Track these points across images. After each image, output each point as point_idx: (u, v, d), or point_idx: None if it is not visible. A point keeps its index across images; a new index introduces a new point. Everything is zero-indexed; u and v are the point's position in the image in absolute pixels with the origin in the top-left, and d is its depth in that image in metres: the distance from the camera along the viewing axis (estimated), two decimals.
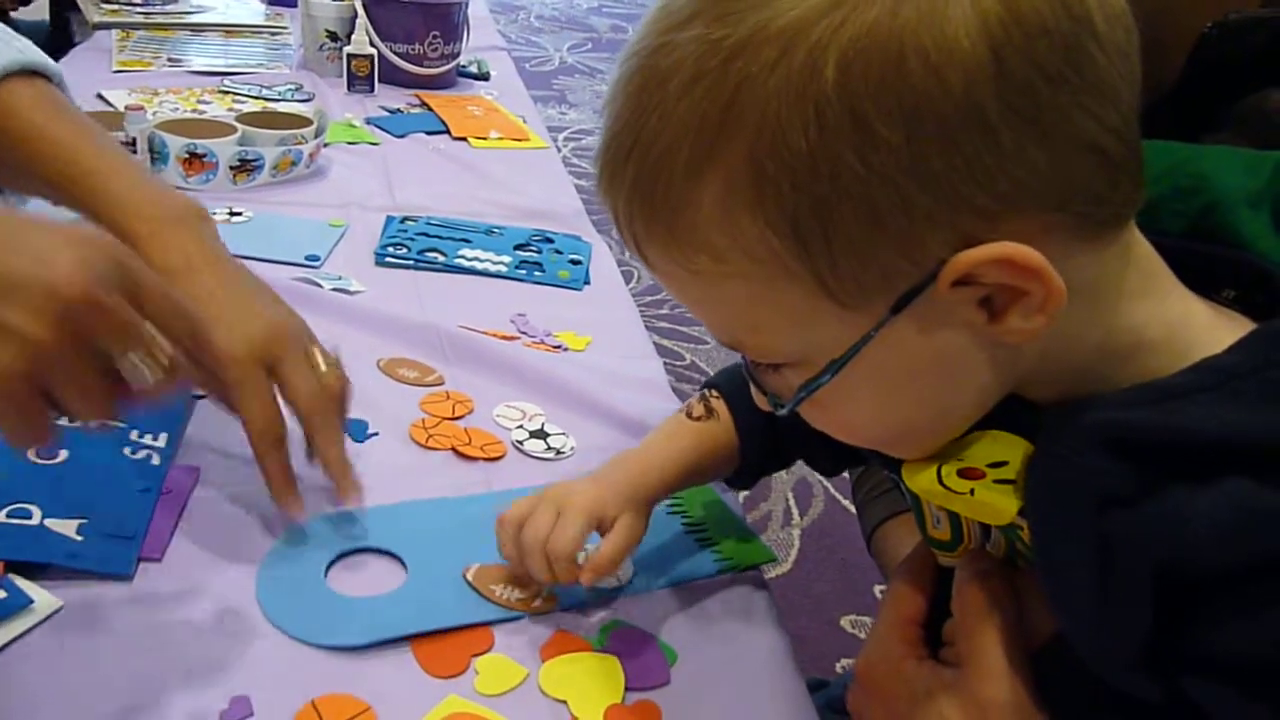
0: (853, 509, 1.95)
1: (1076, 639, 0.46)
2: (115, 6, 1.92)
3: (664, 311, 2.49)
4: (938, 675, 0.52)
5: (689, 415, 0.72)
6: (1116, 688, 0.45)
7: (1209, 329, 0.44)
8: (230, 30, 1.92)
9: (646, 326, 1.05)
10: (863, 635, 1.55)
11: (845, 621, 1.69)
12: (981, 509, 0.47)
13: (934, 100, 0.37)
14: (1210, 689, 0.41)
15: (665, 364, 0.98)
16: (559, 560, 0.63)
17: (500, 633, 0.63)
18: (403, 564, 0.67)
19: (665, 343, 2.34)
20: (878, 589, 1.72)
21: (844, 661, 1.60)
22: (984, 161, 0.38)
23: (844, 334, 0.43)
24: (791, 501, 1.93)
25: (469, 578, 0.66)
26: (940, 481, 0.47)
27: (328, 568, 0.66)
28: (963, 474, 0.47)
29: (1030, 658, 0.49)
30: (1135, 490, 0.40)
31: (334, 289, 1.00)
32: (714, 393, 0.72)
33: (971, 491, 0.46)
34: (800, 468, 1.97)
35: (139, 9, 1.93)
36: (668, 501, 0.76)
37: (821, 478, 1.99)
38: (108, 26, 1.83)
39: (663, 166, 0.41)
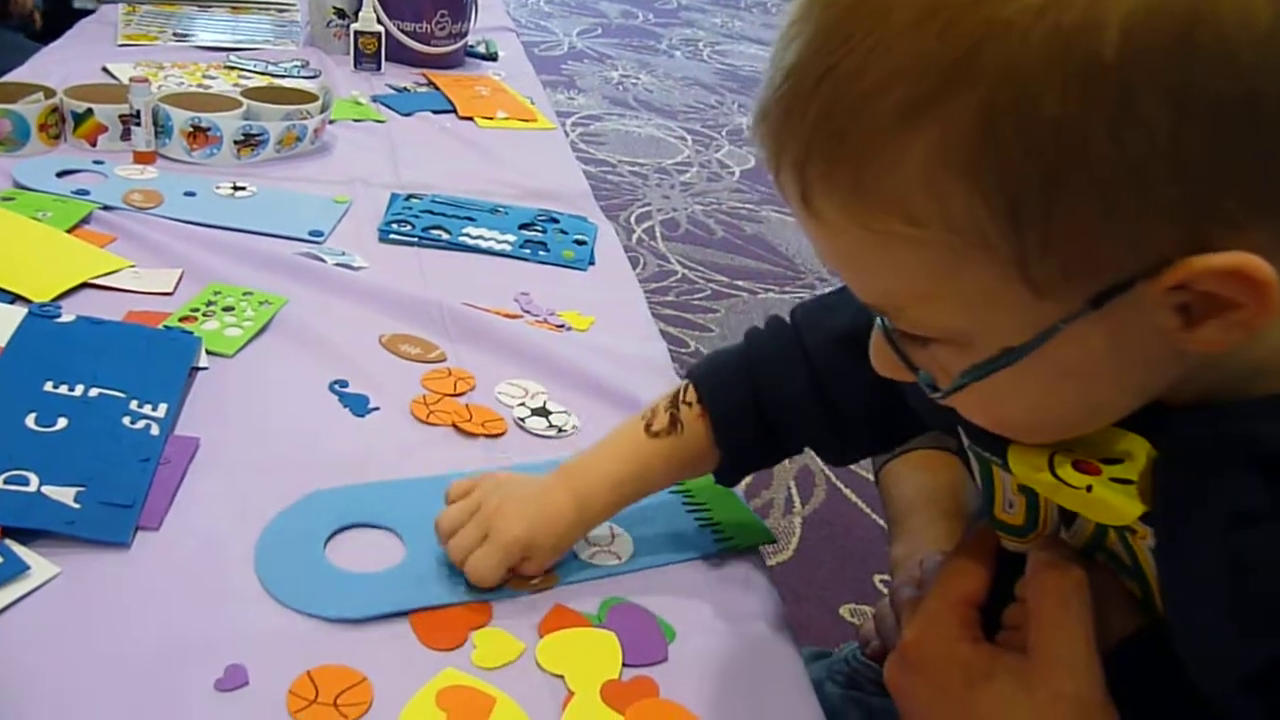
0: (854, 498, 1.96)
1: (1191, 651, 0.43)
2: None
3: (669, 299, 2.48)
4: (999, 659, 0.49)
5: (647, 428, 0.66)
6: (1218, 706, 0.43)
7: None
8: (237, 6, 1.91)
9: (652, 313, 1.05)
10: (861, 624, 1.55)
11: (845, 610, 1.68)
12: (1098, 507, 0.44)
13: (1215, 81, 0.32)
14: None
15: (670, 351, 0.98)
16: (474, 579, 0.63)
17: (499, 607, 0.63)
18: (402, 540, 0.67)
19: (670, 330, 2.33)
20: (878, 579, 1.71)
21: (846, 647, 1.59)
22: (1247, 160, 0.34)
23: (1026, 321, 0.39)
24: (793, 489, 1.92)
25: None
26: (1053, 472, 0.45)
27: (326, 541, 0.66)
28: (1077, 466, 0.44)
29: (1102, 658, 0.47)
30: (1271, 509, 0.38)
31: (337, 264, 0.99)
32: (687, 396, 0.67)
33: (1089, 488, 0.43)
34: (802, 455, 1.97)
35: None
36: None
37: (825, 466, 1.99)
38: (118, 1, 1.83)
39: (869, 104, 0.35)
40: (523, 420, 0.80)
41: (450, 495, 0.66)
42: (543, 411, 0.82)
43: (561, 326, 0.97)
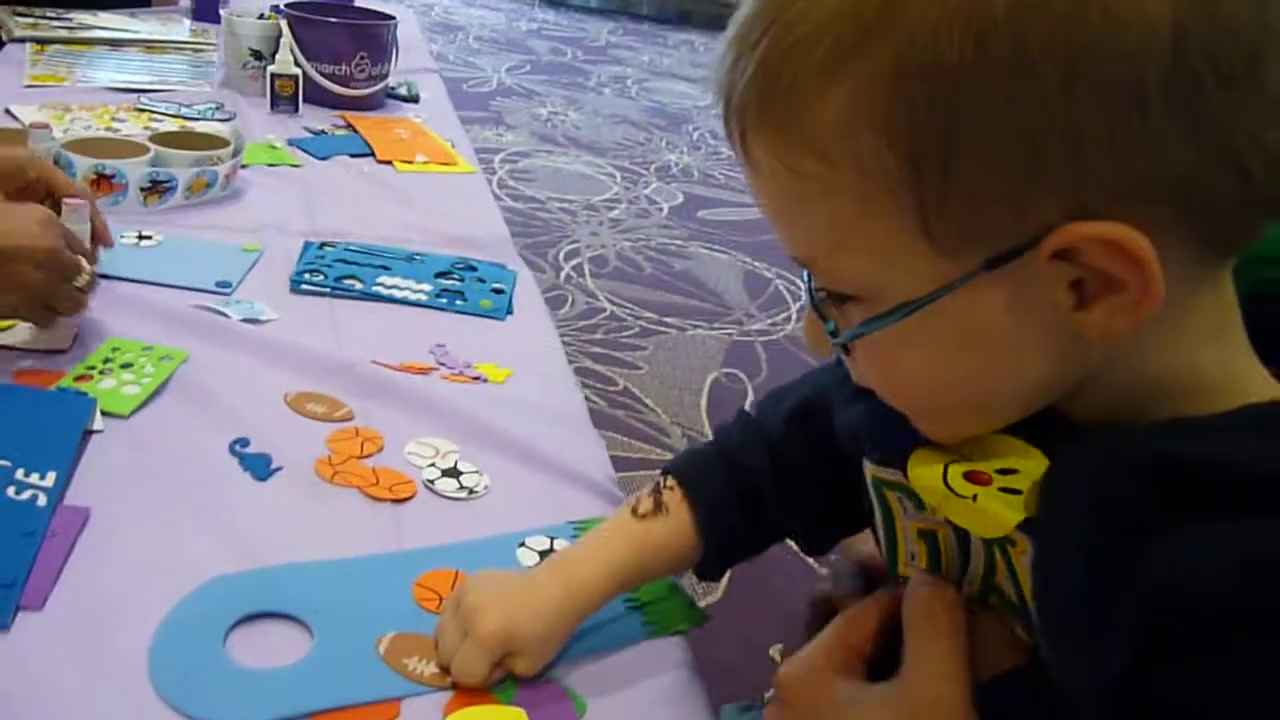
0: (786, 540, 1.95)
1: (1057, 664, 0.44)
2: (34, 20, 1.87)
3: (598, 336, 2.47)
4: (871, 688, 0.50)
5: (634, 511, 0.66)
6: None
7: (1264, 387, 0.44)
8: (152, 46, 1.88)
9: (580, 352, 1.04)
10: None
11: (774, 651, 1.68)
12: (981, 516, 0.45)
13: (1102, 54, 0.35)
14: None
15: (598, 389, 0.97)
16: (459, 681, 0.60)
17: (407, 701, 0.60)
18: (309, 630, 0.63)
19: (599, 368, 2.32)
20: None
21: (770, 694, 1.58)
22: (1128, 135, 0.36)
23: (927, 279, 0.41)
24: None
25: (381, 650, 0.62)
26: (945, 481, 0.46)
27: (227, 634, 0.62)
28: (969, 477, 0.46)
29: (975, 688, 0.48)
30: (1158, 522, 0.39)
31: (243, 319, 0.97)
32: (668, 482, 0.67)
33: (975, 497, 0.45)
34: None
35: (59, 23, 1.87)
36: None
37: None
38: (27, 41, 1.78)
39: (798, 52, 0.39)
40: (432, 482, 0.78)
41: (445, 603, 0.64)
42: (453, 472, 0.80)
43: (477, 379, 0.95)
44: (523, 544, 0.73)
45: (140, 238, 1.10)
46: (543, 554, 0.72)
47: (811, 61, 0.39)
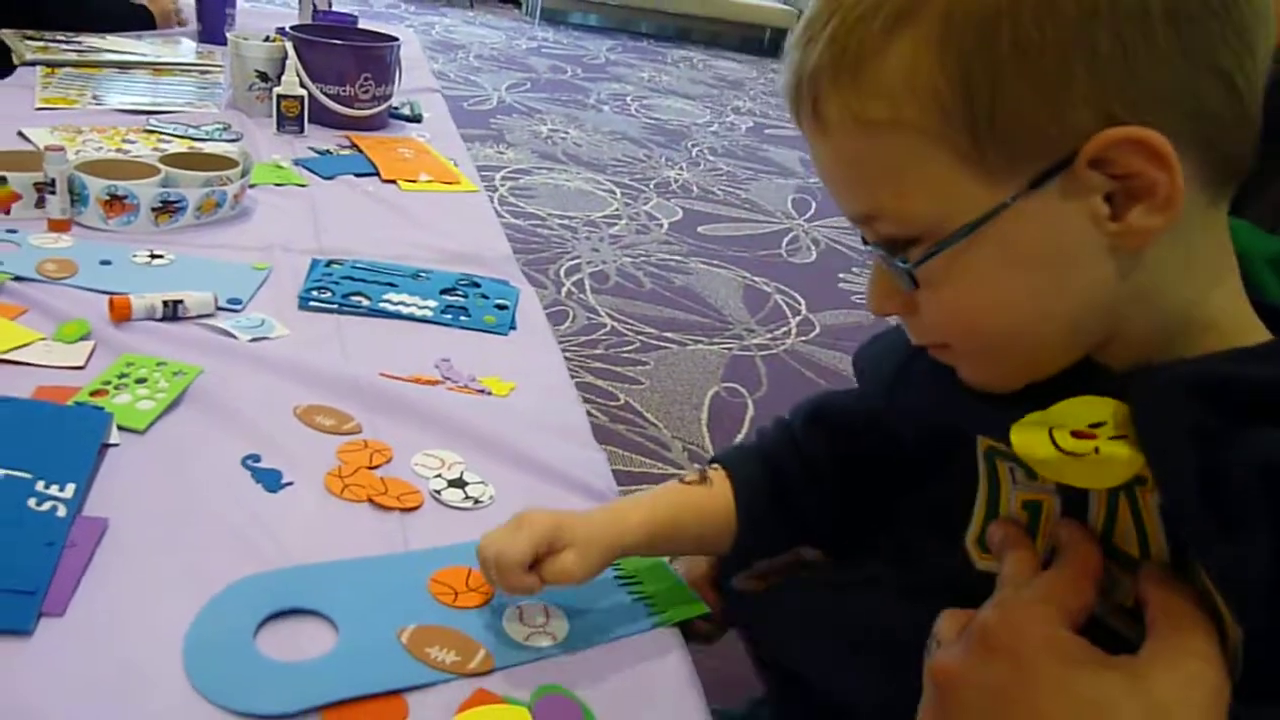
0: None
1: (1223, 576, 0.45)
2: (44, 44, 1.90)
3: (598, 352, 2.49)
4: (1111, 659, 0.46)
5: (680, 480, 0.74)
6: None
7: (1261, 331, 0.50)
8: (159, 68, 1.91)
9: (581, 367, 1.07)
10: None
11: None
12: (1106, 466, 0.48)
13: None
14: None
15: (599, 404, 0.99)
16: (502, 569, 0.65)
17: (415, 699, 0.62)
18: (334, 625, 0.66)
19: (600, 383, 2.34)
20: None
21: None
22: (1140, 57, 0.43)
23: (983, 203, 0.47)
24: None
25: (403, 640, 0.65)
26: (1056, 445, 0.49)
27: (257, 630, 0.65)
28: (1076, 435, 0.48)
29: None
30: (1231, 431, 0.43)
31: (252, 339, 0.99)
32: (715, 466, 0.75)
33: (1096, 450, 0.48)
34: None
35: (69, 47, 1.91)
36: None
37: None
38: (38, 64, 1.81)
39: (862, 24, 0.47)
40: (439, 493, 0.81)
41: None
42: (459, 483, 0.82)
43: (482, 392, 0.98)
44: None
45: (152, 257, 1.13)
46: None
47: (874, 28, 0.47)
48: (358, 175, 1.52)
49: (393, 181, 1.51)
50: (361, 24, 2.06)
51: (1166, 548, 0.49)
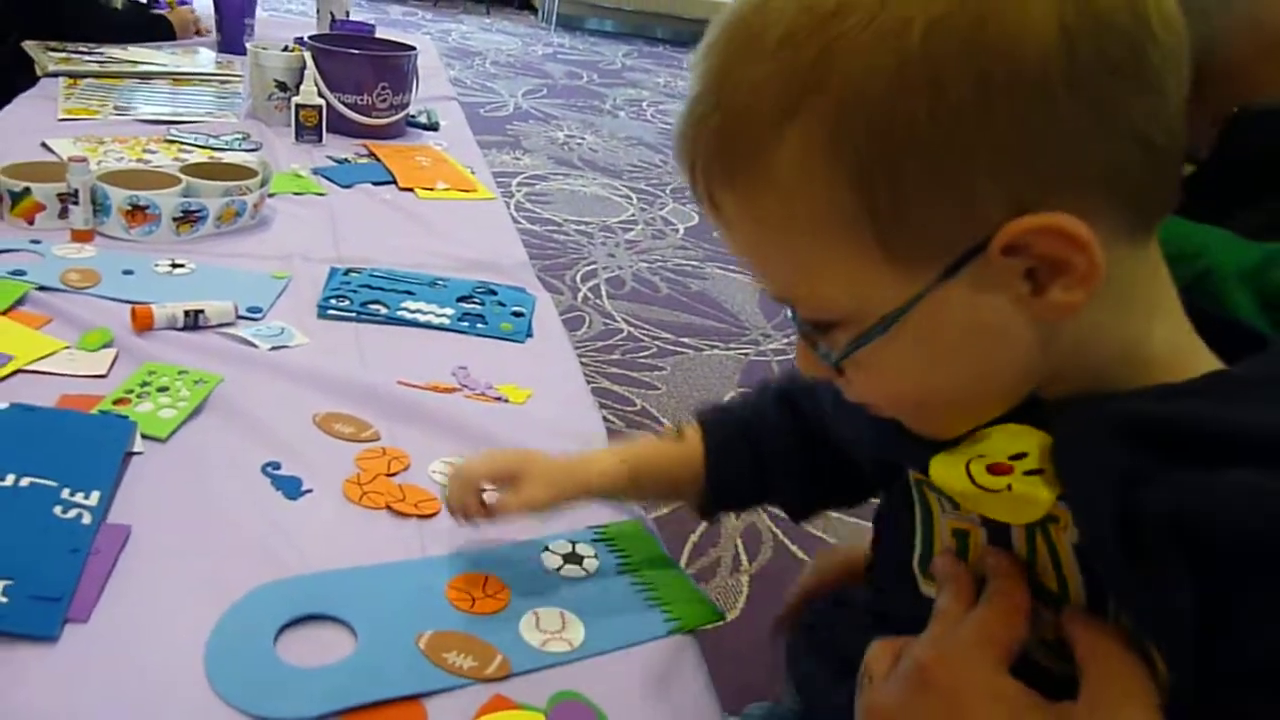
0: (802, 554, 1.97)
1: (1134, 619, 0.45)
2: (66, 55, 1.92)
3: (615, 357, 2.50)
4: (1051, 705, 0.46)
5: (656, 435, 0.79)
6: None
7: (1205, 360, 0.48)
8: (179, 78, 1.93)
9: (598, 372, 1.07)
10: None
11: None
12: (1018, 503, 0.47)
13: (1005, 67, 0.40)
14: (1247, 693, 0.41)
15: (615, 409, 1.00)
16: (458, 481, 0.71)
17: (434, 704, 0.62)
18: (353, 631, 0.67)
19: (616, 388, 2.35)
20: None
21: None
22: (1045, 134, 0.41)
23: (897, 294, 0.45)
24: (740, 548, 1.94)
25: (421, 645, 0.66)
26: (972, 480, 0.48)
27: (277, 636, 0.66)
28: (992, 470, 0.48)
29: None
30: (1151, 472, 0.42)
31: (271, 348, 1.00)
32: (689, 422, 0.78)
33: (1009, 487, 0.47)
34: (749, 513, 1.98)
35: (90, 58, 1.93)
36: (616, 559, 0.77)
37: (771, 524, 2.00)
38: (60, 75, 1.83)
39: (750, 112, 0.44)
40: None
41: None
42: None
43: (499, 399, 0.98)
44: (546, 548, 0.78)
45: (174, 266, 1.14)
46: (565, 557, 0.77)
47: (762, 118, 0.43)
48: (375, 184, 1.53)
49: (410, 190, 1.52)
50: (379, 32, 2.08)
51: (1083, 584, 0.48)
